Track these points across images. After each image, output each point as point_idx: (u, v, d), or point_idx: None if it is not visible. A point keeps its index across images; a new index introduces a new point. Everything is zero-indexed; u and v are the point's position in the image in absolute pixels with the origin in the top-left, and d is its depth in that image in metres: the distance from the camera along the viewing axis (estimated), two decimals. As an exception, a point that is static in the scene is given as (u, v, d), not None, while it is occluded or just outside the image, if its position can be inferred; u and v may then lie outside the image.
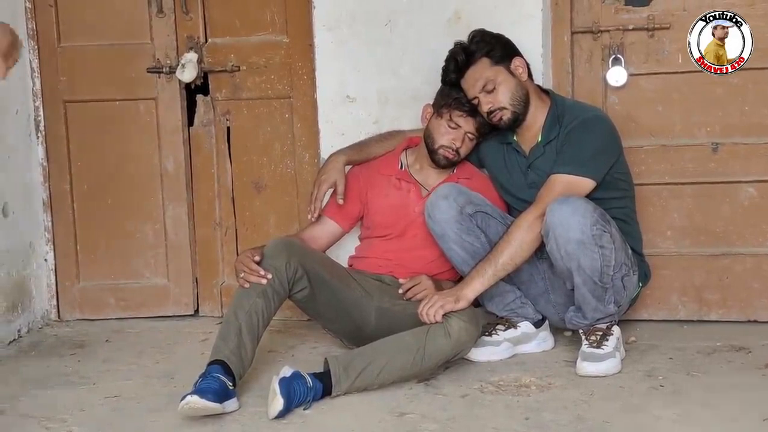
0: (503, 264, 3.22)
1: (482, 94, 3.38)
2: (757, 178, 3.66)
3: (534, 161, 3.43)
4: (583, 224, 3.11)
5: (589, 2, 3.74)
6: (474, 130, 3.48)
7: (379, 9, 3.77)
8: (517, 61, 3.40)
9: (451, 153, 3.49)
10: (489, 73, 3.37)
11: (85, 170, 4.14)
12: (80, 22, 4.08)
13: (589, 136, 3.34)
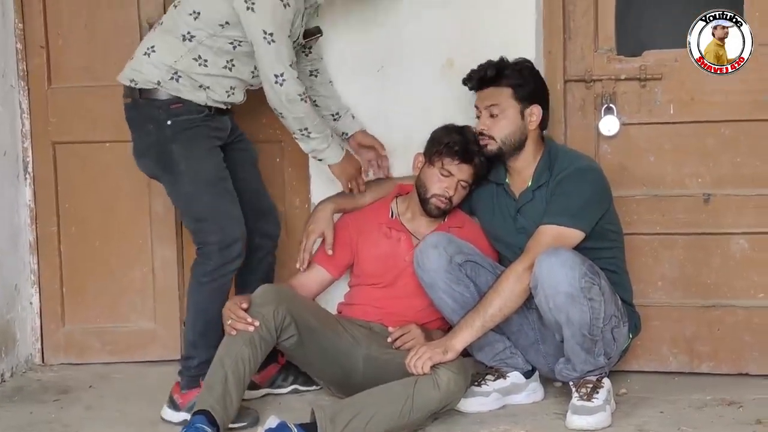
0: (492, 315, 3.20)
1: (486, 113, 3.40)
2: (748, 230, 3.65)
3: (523, 206, 3.42)
4: (572, 277, 3.09)
5: (582, 51, 3.75)
6: (467, 178, 3.47)
7: (371, 55, 3.77)
8: (535, 109, 3.40)
9: (444, 201, 3.47)
10: (503, 102, 3.39)
11: (73, 212, 4.12)
12: (71, 63, 4.07)
13: (579, 187, 3.32)
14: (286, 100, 3.30)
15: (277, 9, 3.24)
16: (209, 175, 3.38)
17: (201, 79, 3.35)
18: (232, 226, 3.38)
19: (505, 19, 3.66)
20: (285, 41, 3.28)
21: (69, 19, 4.07)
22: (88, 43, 4.06)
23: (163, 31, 3.39)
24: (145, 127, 3.39)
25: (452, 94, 3.67)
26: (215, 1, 3.30)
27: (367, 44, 3.77)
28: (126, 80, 3.41)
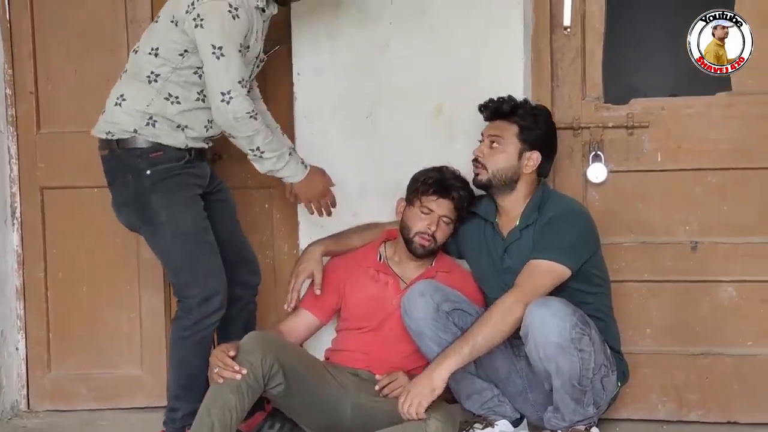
0: (479, 345, 3.14)
1: (487, 141, 3.43)
2: (736, 278, 3.66)
3: (510, 245, 3.42)
4: (562, 327, 3.08)
5: (570, 99, 3.77)
6: (448, 213, 3.48)
7: (360, 101, 3.78)
8: (534, 155, 3.41)
9: (427, 239, 3.47)
10: (507, 137, 3.41)
11: (61, 258, 4.11)
12: (60, 109, 4.09)
13: (568, 226, 3.33)
14: (233, 119, 3.22)
15: (226, 21, 3.18)
16: (189, 226, 3.34)
17: (177, 119, 3.32)
18: (212, 279, 3.35)
19: (493, 66, 3.68)
20: (234, 56, 3.21)
21: (58, 65, 4.09)
22: (78, 88, 4.07)
23: (128, 78, 3.37)
24: (124, 178, 3.35)
25: (441, 140, 3.70)
26: (170, 32, 3.27)
27: (357, 90, 3.79)
28: (101, 133, 3.38)
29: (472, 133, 3.59)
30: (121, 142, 3.34)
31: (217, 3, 3.17)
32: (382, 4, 3.71)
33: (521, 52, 3.67)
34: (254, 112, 3.24)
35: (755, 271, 3.64)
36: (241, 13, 3.20)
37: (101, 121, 3.40)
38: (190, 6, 3.19)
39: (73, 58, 4.08)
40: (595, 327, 3.23)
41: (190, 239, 3.33)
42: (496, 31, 3.67)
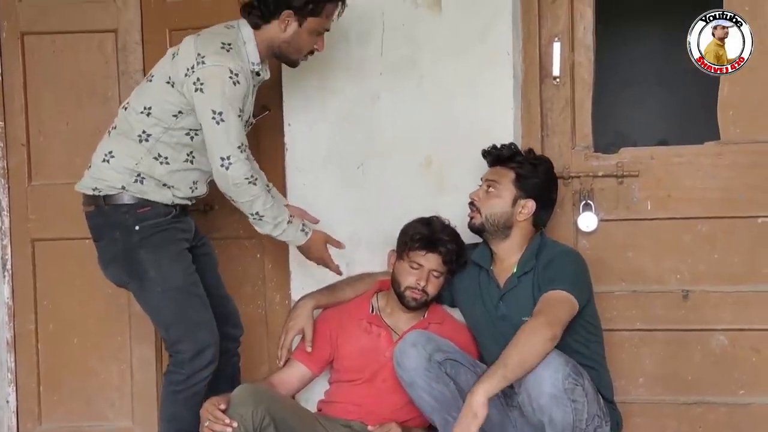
0: (513, 366, 3.07)
1: (484, 186, 3.46)
2: (728, 327, 3.66)
3: (507, 292, 3.41)
4: (556, 378, 3.07)
5: (560, 149, 3.79)
6: (437, 267, 3.47)
7: (351, 152, 3.80)
8: (529, 203, 3.42)
9: (418, 293, 3.47)
10: (503, 183, 3.42)
11: (51, 310, 4.12)
12: (52, 160, 4.11)
13: (571, 264, 3.36)
14: (232, 184, 3.24)
15: (227, 86, 3.20)
16: (179, 281, 3.33)
17: (164, 179, 3.33)
18: (204, 333, 3.35)
19: (483, 117, 3.70)
20: (234, 121, 3.22)
21: (50, 117, 4.13)
22: (69, 140, 4.09)
23: (117, 135, 3.37)
24: (112, 234, 3.34)
25: (432, 191, 3.72)
26: (165, 92, 3.28)
27: (348, 141, 3.81)
28: (87, 189, 3.38)
29: (462, 184, 3.61)
30: (108, 198, 3.33)
31: (219, 68, 3.19)
32: (372, 56, 3.75)
33: (511, 102, 3.70)
34: (253, 178, 3.26)
35: (746, 320, 3.65)
36: (241, 79, 3.23)
37: (87, 177, 3.40)
38: (190, 70, 3.20)
39: (64, 110, 4.12)
40: (588, 377, 3.22)
41: (180, 294, 3.33)
42: (485, 82, 3.70)
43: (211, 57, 3.20)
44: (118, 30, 4.08)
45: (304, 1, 3.28)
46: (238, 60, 3.24)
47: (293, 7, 3.29)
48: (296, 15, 3.30)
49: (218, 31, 3.34)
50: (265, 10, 3.31)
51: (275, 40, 3.35)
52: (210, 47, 3.22)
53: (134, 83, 4.04)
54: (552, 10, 3.77)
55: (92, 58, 4.10)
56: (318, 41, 3.39)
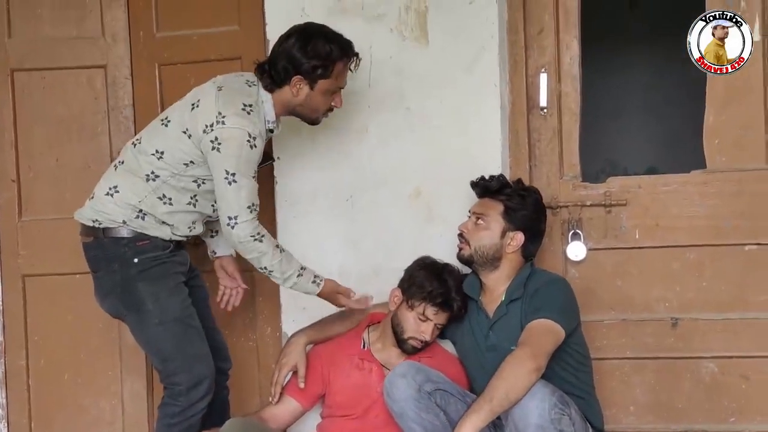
0: (499, 399, 3.10)
1: (473, 218, 3.47)
2: (717, 354, 3.67)
3: (496, 321, 3.42)
4: (542, 408, 3.07)
5: (548, 179, 3.81)
6: (444, 321, 3.50)
7: (340, 185, 3.82)
8: (518, 236, 3.43)
9: (420, 343, 3.50)
10: (492, 216, 3.44)
11: (42, 345, 4.12)
12: (42, 196, 4.12)
13: (558, 292, 3.38)
14: (238, 242, 3.30)
15: (243, 149, 3.24)
16: (177, 313, 3.35)
17: (165, 218, 3.35)
18: (200, 365, 3.36)
19: (471, 147, 3.72)
20: (247, 182, 3.27)
21: (40, 153, 4.14)
22: (60, 175, 4.11)
23: (125, 171, 3.38)
24: (110, 266, 3.36)
25: (420, 222, 3.73)
26: (180, 141, 3.30)
27: (337, 173, 3.83)
28: (87, 220, 3.39)
29: (451, 214, 3.63)
30: (107, 231, 3.35)
31: (238, 131, 3.22)
32: (360, 89, 3.76)
33: (498, 133, 3.72)
34: (260, 235, 3.31)
35: (735, 347, 3.66)
36: (258, 143, 3.27)
37: (88, 207, 3.41)
38: (209, 127, 3.23)
39: (54, 146, 4.13)
40: (575, 406, 3.23)
41: (177, 326, 3.34)
42: (473, 113, 3.72)
43: (232, 118, 3.23)
44: (107, 65, 4.10)
45: (311, 66, 3.31)
46: (257, 122, 3.28)
47: (301, 73, 3.31)
48: (306, 79, 3.33)
49: (240, 88, 3.35)
50: (276, 76, 3.34)
51: (290, 103, 3.39)
52: (231, 107, 3.25)
53: (123, 118, 4.08)
54: (538, 41, 3.80)
55: (82, 94, 4.13)
56: (335, 98, 3.43)
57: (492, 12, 3.69)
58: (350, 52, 3.39)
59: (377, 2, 3.75)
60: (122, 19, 4.08)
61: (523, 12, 3.78)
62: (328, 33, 3.37)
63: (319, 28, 3.39)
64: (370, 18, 3.76)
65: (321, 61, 3.31)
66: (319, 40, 3.32)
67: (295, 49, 3.31)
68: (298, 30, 3.37)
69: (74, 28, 4.12)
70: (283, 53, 3.33)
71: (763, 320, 3.66)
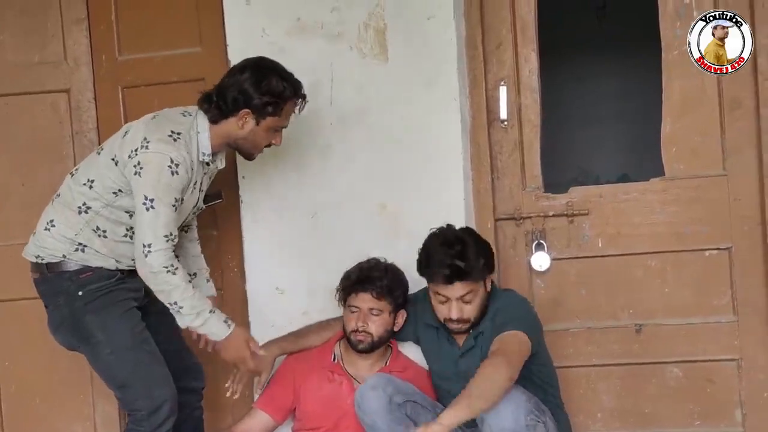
0: (477, 399, 3.11)
1: (458, 303, 3.37)
2: (681, 359, 3.74)
3: (466, 352, 3.44)
4: (517, 414, 3.11)
5: (511, 190, 3.86)
6: (373, 305, 3.52)
7: (304, 202, 3.85)
8: (487, 281, 3.41)
9: (362, 335, 3.52)
10: (475, 290, 3.38)
11: (13, 370, 4.12)
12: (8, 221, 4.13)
13: (519, 308, 3.41)
14: (150, 272, 3.21)
15: (163, 175, 3.18)
16: (127, 340, 3.32)
17: (103, 250, 3.33)
18: (159, 388, 3.33)
19: (434, 161, 3.77)
20: (164, 211, 3.19)
21: (6, 178, 4.15)
22: (26, 200, 4.09)
23: (60, 204, 3.38)
24: (57, 301, 3.35)
25: (387, 237, 3.76)
26: (109, 169, 3.28)
27: (301, 190, 3.85)
28: (31, 257, 3.39)
29: (417, 228, 3.65)
30: (51, 266, 3.35)
31: (159, 155, 3.18)
32: (322, 106, 3.80)
33: (460, 146, 3.76)
34: (173, 268, 3.22)
35: (699, 352, 3.73)
36: (181, 170, 3.21)
37: (31, 244, 3.42)
38: (133, 152, 3.20)
39: (20, 171, 4.14)
40: (551, 414, 3.26)
41: (129, 353, 3.32)
42: (434, 127, 3.76)
43: (155, 143, 3.19)
44: (70, 90, 4.11)
45: (263, 102, 3.29)
46: (183, 150, 3.23)
47: (251, 107, 3.29)
48: (254, 114, 3.31)
49: (172, 117, 3.34)
50: (224, 106, 3.31)
51: (231, 135, 3.35)
52: (156, 133, 3.22)
53: (88, 142, 4.09)
54: (497, 55, 3.85)
55: (46, 119, 4.13)
56: (276, 137, 3.41)
57: (450, 28, 3.73)
58: (300, 92, 3.37)
59: (336, 21, 3.79)
60: (84, 43, 4.09)
61: (481, 27, 3.83)
62: (283, 71, 3.35)
63: (273, 64, 3.36)
64: (330, 36, 3.80)
65: (273, 99, 3.29)
66: (273, 77, 3.30)
67: (248, 83, 3.28)
68: (253, 64, 3.34)
69: (36, 53, 4.12)
70: (235, 85, 3.30)
71: (726, 324, 3.73)
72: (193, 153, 3.29)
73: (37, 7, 4.11)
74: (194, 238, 3.70)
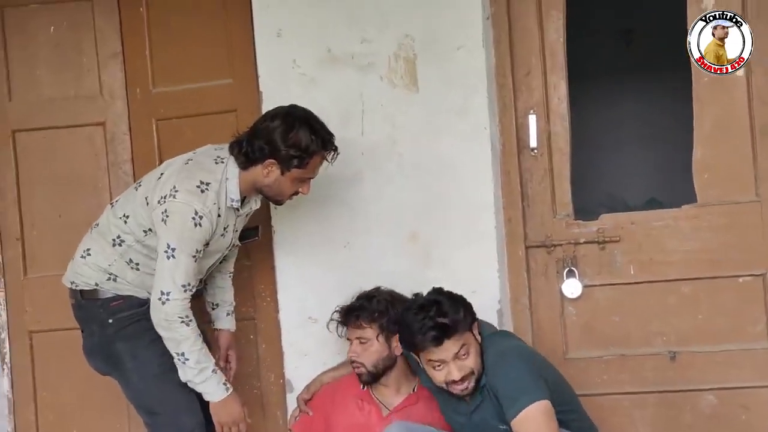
0: None
1: (455, 363, 3.22)
2: (716, 386, 3.70)
3: (476, 408, 3.30)
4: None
5: (542, 218, 3.86)
6: (360, 335, 3.51)
7: (336, 232, 3.87)
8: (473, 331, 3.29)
9: (357, 365, 3.53)
10: (467, 341, 3.24)
11: (51, 401, 4.16)
12: (45, 252, 4.19)
13: (514, 371, 3.18)
14: (165, 319, 3.23)
15: (186, 226, 3.21)
16: (155, 368, 3.37)
17: (135, 282, 3.38)
18: (186, 416, 3.38)
19: (464, 190, 3.77)
20: (185, 261, 3.22)
21: (43, 210, 4.22)
22: (63, 231, 4.15)
23: (97, 234, 3.45)
24: (90, 327, 3.44)
25: (418, 266, 3.77)
26: (142, 207, 3.33)
27: (333, 220, 3.87)
28: (68, 282, 3.48)
29: (448, 258, 3.69)
30: (85, 293, 3.42)
31: (185, 206, 3.22)
32: (353, 137, 3.81)
33: (490, 175, 3.76)
34: (188, 319, 3.26)
35: (734, 378, 3.69)
36: (204, 222, 3.24)
37: (69, 270, 3.50)
38: (162, 198, 3.25)
39: (57, 203, 4.21)
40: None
41: (157, 380, 3.37)
42: (464, 156, 3.77)
43: (183, 194, 3.23)
44: (106, 122, 4.18)
45: (288, 154, 3.29)
46: (209, 202, 3.25)
47: (277, 157, 3.30)
48: (279, 164, 3.31)
49: (205, 164, 3.35)
50: (251, 153, 3.32)
51: (258, 182, 3.37)
52: (186, 183, 3.26)
53: (123, 173, 4.14)
54: (526, 83, 3.86)
55: (82, 151, 4.20)
56: (303, 186, 3.41)
57: (479, 57, 3.75)
58: (330, 146, 3.37)
59: (367, 52, 3.82)
60: (119, 77, 4.16)
61: (510, 55, 3.84)
62: (314, 122, 3.34)
63: (305, 115, 3.35)
64: (361, 67, 3.82)
65: (299, 152, 3.29)
66: (302, 130, 3.29)
67: (276, 133, 3.29)
68: (284, 113, 3.34)
69: (72, 87, 4.20)
70: (263, 132, 3.31)
71: (761, 350, 3.70)
72: (222, 201, 3.31)
73: (73, 43, 4.20)
74: (226, 270, 3.74)
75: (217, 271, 3.68)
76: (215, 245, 3.38)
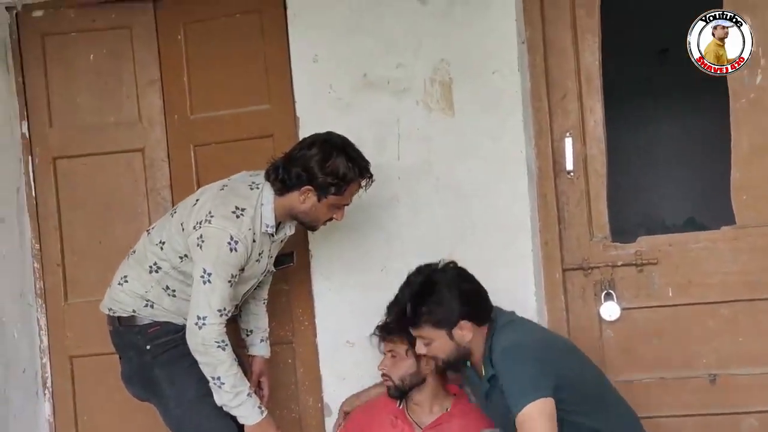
0: None
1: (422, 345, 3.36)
2: (758, 409, 3.68)
3: (488, 390, 3.30)
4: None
5: (578, 240, 3.85)
6: (391, 348, 3.54)
7: (373, 256, 3.89)
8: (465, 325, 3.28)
9: (386, 378, 3.55)
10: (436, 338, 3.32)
11: (91, 425, 4.20)
12: (86, 278, 4.23)
13: (518, 367, 3.15)
14: (201, 344, 3.26)
15: (222, 251, 3.25)
16: (192, 393, 3.40)
17: (172, 308, 3.42)
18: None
19: (501, 213, 3.78)
20: (220, 285, 3.25)
21: (83, 237, 4.26)
22: (102, 257, 4.19)
23: (134, 261, 3.49)
24: (128, 354, 3.48)
25: (454, 289, 3.77)
26: (177, 233, 3.37)
27: (370, 245, 3.89)
28: (105, 309, 3.52)
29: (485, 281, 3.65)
30: (122, 320, 3.47)
31: (220, 231, 3.25)
32: (389, 161, 3.84)
33: (527, 198, 3.77)
34: (224, 343, 3.28)
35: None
36: (240, 248, 3.27)
37: (106, 297, 3.55)
38: (198, 224, 3.28)
39: (97, 229, 4.25)
40: None
41: (195, 406, 3.39)
42: (501, 179, 3.78)
43: (218, 219, 3.26)
44: (145, 149, 4.22)
45: (326, 182, 3.32)
46: (244, 227, 3.28)
47: (314, 184, 3.33)
48: (316, 191, 3.34)
49: (240, 191, 3.38)
50: (288, 180, 3.34)
51: (294, 209, 3.40)
52: (221, 209, 3.29)
53: (161, 199, 4.18)
54: (562, 105, 3.86)
55: (121, 177, 4.25)
56: (337, 212, 3.44)
57: (515, 80, 3.76)
58: (366, 173, 3.40)
59: (403, 76, 3.84)
60: (158, 104, 4.21)
61: (545, 79, 3.85)
62: (351, 151, 3.37)
63: (343, 142, 3.38)
64: (397, 92, 3.85)
65: (336, 180, 3.32)
66: (340, 158, 3.32)
67: (314, 161, 3.31)
68: (322, 141, 3.36)
69: (112, 114, 4.25)
70: (301, 160, 3.34)
71: (802, 373, 3.67)
72: (257, 227, 3.34)
73: (112, 70, 4.25)
74: (260, 297, 3.76)
75: (252, 297, 3.70)
76: (250, 271, 3.40)
